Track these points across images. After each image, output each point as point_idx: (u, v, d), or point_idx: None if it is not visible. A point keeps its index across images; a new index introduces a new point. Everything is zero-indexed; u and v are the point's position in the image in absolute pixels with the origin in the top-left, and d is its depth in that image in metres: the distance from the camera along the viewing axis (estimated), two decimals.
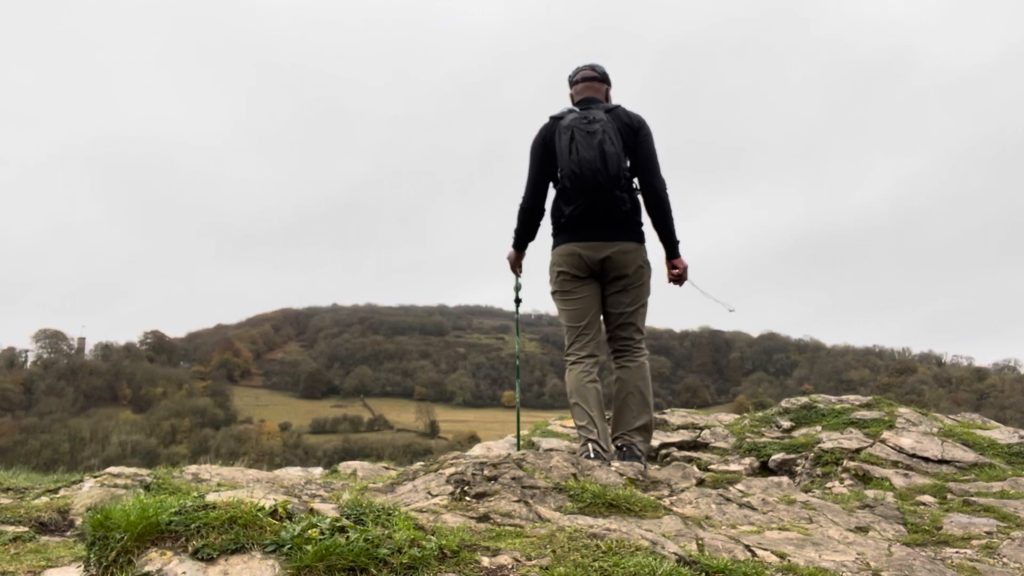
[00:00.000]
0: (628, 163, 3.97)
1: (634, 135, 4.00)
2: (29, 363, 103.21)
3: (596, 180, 3.80)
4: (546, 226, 4.28)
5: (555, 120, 4.05)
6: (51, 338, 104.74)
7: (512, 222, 4.31)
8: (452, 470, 3.09)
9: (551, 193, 4.17)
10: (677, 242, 4.14)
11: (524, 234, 4.31)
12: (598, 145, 3.80)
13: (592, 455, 3.74)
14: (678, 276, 4.19)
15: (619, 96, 4.36)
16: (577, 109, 4.04)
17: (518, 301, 4.77)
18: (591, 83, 4.19)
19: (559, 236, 4.12)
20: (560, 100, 4.42)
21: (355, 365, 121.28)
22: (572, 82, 4.27)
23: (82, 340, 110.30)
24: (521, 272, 4.56)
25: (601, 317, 4.20)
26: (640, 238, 4.08)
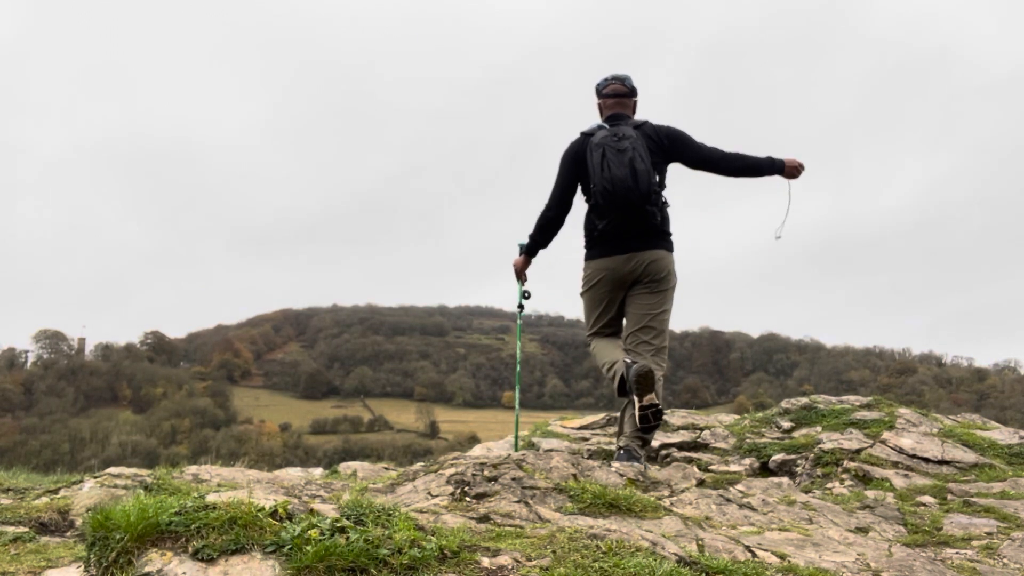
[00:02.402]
0: (658, 178, 4.10)
1: (671, 146, 4.16)
2: (29, 363, 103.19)
3: (628, 197, 3.94)
4: (564, 238, 4.46)
5: (586, 136, 4.17)
6: (51, 338, 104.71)
7: (529, 228, 4.42)
8: (452, 471, 3.09)
9: (583, 208, 4.30)
10: (769, 159, 4.24)
11: (539, 241, 4.46)
12: (629, 163, 3.93)
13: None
14: (794, 170, 4.29)
15: (656, 92, 4.41)
16: (607, 126, 4.16)
17: (521, 307, 4.81)
18: (620, 99, 4.29)
19: (593, 249, 4.25)
20: (590, 104, 4.47)
21: (355, 365, 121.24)
22: (601, 94, 4.34)
23: (82, 340, 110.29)
24: (526, 280, 4.66)
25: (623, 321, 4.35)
26: (670, 247, 4.20)
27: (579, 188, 4.28)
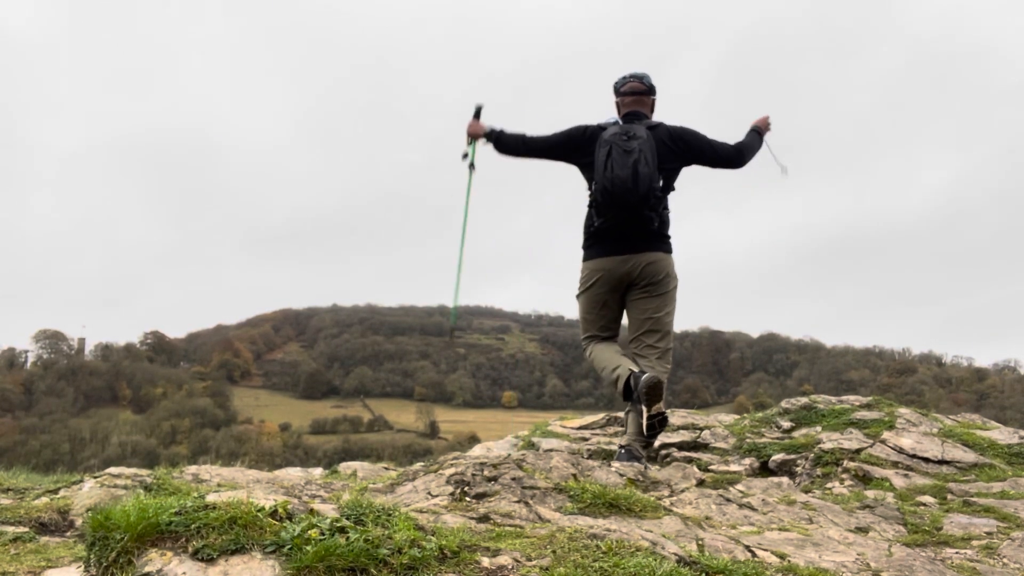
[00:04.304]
0: (662, 183, 4.09)
1: (686, 148, 4.15)
2: (29, 363, 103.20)
3: (626, 198, 3.93)
4: (564, 238, 4.41)
5: (600, 129, 4.15)
6: (51, 338, 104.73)
7: (536, 231, 4.41)
8: (452, 471, 3.09)
9: (584, 202, 4.26)
10: (754, 134, 4.39)
11: (504, 138, 4.34)
12: (632, 165, 3.91)
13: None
14: (767, 127, 4.45)
15: (683, 91, 4.39)
16: (621, 121, 4.15)
17: (472, 167, 4.62)
18: (639, 97, 4.27)
19: (590, 249, 4.22)
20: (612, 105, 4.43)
21: (355, 365, 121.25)
22: (619, 92, 4.33)
23: (82, 340, 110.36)
24: (480, 141, 4.48)
25: (624, 322, 4.33)
26: (668, 249, 4.19)
27: (579, 172, 4.26)
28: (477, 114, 4.52)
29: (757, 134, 4.40)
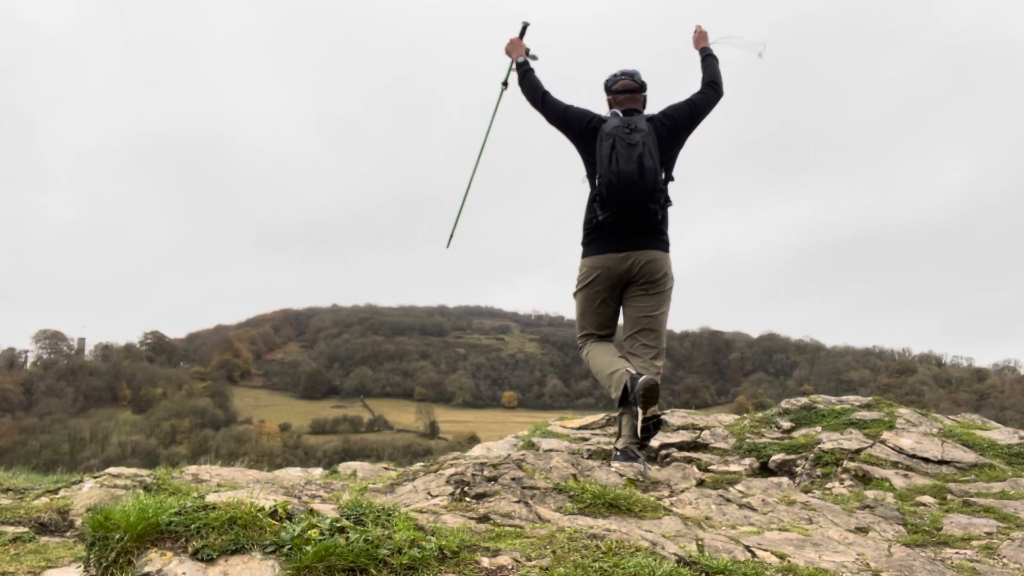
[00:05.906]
0: (664, 175, 4.11)
1: (677, 124, 4.21)
2: (29, 363, 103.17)
3: (632, 192, 3.93)
4: (564, 237, 4.44)
5: (601, 121, 4.16)
6: (51, 338, 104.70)
7: (534, 236, 4.43)
8: (452, 471, 3.09)
9: (585, 195, 4.26)
10: (706, 59, 4.55)
11: (531, 75, 4.45)
12: (637, 159, 3.91)
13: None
14: (703, 36, 4.62)
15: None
16: (620, 113, 4.15)
17: (505, 84, 4.67)
18: (632, 95, 4.27)
19: (590, 245, 4.20)
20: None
21: (355, 366, 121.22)
22: (611, 90, 4.32)
23: (82, 340, 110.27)
24: (526, 53, 4.55)
25: (620, 321, 4.32)
26: (666, 247, 4.19)
27: (577, 149, 4.29)
28: (522, 32, 4.55)
29: (709, 57, 4.53)
